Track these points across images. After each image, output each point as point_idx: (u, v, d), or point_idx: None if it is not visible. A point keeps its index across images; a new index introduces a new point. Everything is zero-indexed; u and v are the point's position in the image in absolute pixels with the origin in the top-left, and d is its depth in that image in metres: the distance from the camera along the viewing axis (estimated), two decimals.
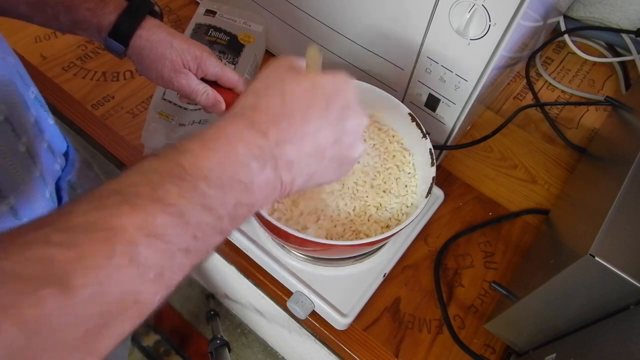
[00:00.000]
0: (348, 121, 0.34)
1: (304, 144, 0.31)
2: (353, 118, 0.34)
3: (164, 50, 0.49)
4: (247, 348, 1.33)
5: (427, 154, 0.53)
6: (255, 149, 0.29)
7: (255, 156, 0.28)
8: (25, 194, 0.40)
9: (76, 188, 0.53)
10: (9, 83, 0.38)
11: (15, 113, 0.39)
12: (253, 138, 0.29)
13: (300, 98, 0.31)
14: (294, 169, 0.31)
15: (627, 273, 0.35)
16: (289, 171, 0.30)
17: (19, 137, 0.39)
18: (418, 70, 0.57)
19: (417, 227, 0.61)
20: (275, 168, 0.30)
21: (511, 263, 0.61)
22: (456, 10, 0.47)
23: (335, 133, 0.33)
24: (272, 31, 0.71)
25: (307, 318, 0.55)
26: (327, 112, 0.32)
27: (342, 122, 0.33)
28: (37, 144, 0.43)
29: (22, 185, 0.40)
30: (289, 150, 0.30)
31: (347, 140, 0.34)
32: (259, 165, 0.29)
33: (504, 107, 0.77)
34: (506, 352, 0.55)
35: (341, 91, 0.33)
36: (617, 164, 0.50)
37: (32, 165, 0.41)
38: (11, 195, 0.38)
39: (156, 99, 0.63)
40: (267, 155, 0.29)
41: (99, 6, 0.47)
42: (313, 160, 0.32)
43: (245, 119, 0.30)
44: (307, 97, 0.32)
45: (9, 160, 0.38)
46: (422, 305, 0.57)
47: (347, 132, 0.34)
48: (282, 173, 0.30)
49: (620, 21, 0.82)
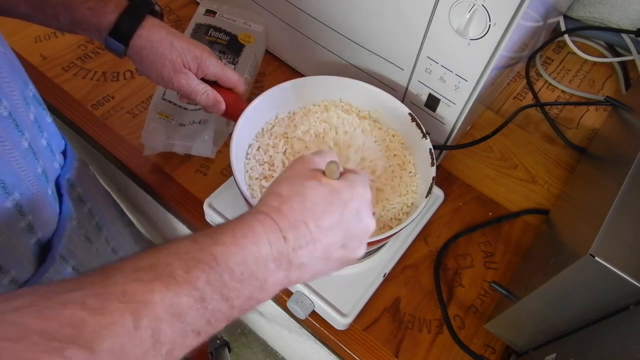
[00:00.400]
0: (357, 227, 0.36)
1: (316, 249, 0.34)
2: (361, 224, 0.37)
3: (164, 50, 0.49)
4: (247, 348, 1.33)
5: (427, 154, 0.53)
6: (276, 252, 0.32)
7: (274, 258, 0.32)
8: (30, 190, 0.41)
9: (75, 186, 0.53)
10: (9, 79, 0.39)
11: (17, 109, 0.39)
12: (275, 241, 0.32)
13: (319, 205, 0.34)
14: (303, 270, 0.34)
15: (627, 273, 0.35)
16: (298, 271, 0.33)
17: (22, 133, 0.39)
18: (418, 70, 0.57)
19: (417, 227, 0.61)
20: (288, 270, 0.33)
21: (511, 263, 0.61)
22: (456, 10, 0.47)
23: (343, 238, 0.35)
24: (272, 31, 0.71)
25: (307, 318, 0.55)
26: (339, 219, 0.35)
27: (350, 228, 0.36)
28: (38, 141, 0.43)
29: (26, 182, 0.40)
30: (302, 255, 0.33)
31: (353, 244, 0.36)
32: (275, 266, 0.32)
33: (504, 107, 0.77)
34: (506, 352, 0.55)
35: (355, 199, 0.36)
36: (617, 164, 0.50)
37: (35, 162, 0.41)
38: (16, 192, 0.39)
39: (156, 99, 0.63)
40: (283, 258, 0.32)
41: (99, 5, 0.47)
42: (320, 262, 0.35)
43: (271, 222, 0.32)
44: (325, 205, 0.35)
45: (14, 155, 0.38)
46: (422, 305, 0.57)
47: (354, 237, 0.36)
48: (292, 273, 0.33)
49: (620, 21, 0.82)
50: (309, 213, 0.34)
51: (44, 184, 0.43)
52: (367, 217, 0.37)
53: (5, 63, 0.38)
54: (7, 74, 0.38)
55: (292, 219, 0.33)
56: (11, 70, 0.40)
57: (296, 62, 0.75)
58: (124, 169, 0.66)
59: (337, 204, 0.35)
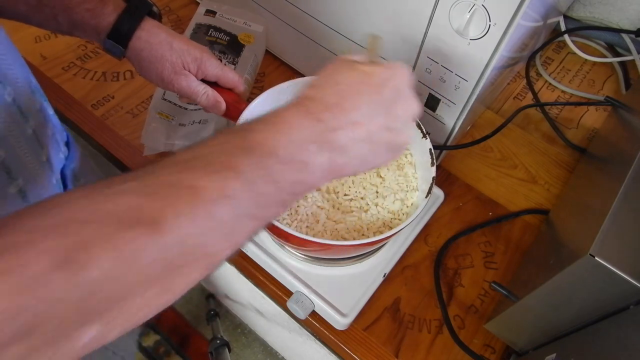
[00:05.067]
0: (398, 108, 0.35)
1: (355, 130, 0.33)
2: (403, 104, 0.36)
3: (163, 52, 0.49)
4: (247, 348, 1.33)
5: (427, 154, 0.53)
6: (313, 134, 0.32)
7: (313, 140, 0.31)
8: (34, 177, 0.41)
9: (79, 177, 0.53)
10: (13, 66, 0.39)
11: (21, 96, 0.39)
12: (310, 124, 0.32)
13: (353, 87, 0.34)
14: (347, 153, 0.33)
15: (627, 273, 0.35)
16: (342, 155, 0.33)
17: (27, 120, 0.39)
18: (418, 70, 0.57)
19: (417, 227, 0.61)
20: (330, 152, 0.32)
21: (511, 263, 0.61)
22: (456, 10, 0.47)
23: (385, 119, 0.34)
24: (272, 31, 0.71)
25: (307, 318, 0.55)
26: (377, 99, 0.34)
27: (392, 109, 0.35)
28: (43, 130, 0.43)
29: (31, 169, 0.40)
30: (342, 136, 0.32)
31: (396, 126, 0.35)
32: (317, 148, 0.31)
33: (504, 107, 0.77)
34: (506, 352, 0.55)
35: (393, 78, 0.35)
36: (617, 164, 0.50)
37: (40, 150, 0.42)
38: (20, 177, 0.39)
39: (156, 99, 0.63)
40: (322, 140, 0.32)
41: (98, 6, 0.47)
42: (364, 145, 0.34)
43: (303, 108, 0.32)
44: (359, 86, 0.34)
45: (19, 142, 0.38)
46: (422, 305, 0.57)
47: (396, 119, 0.35)
48: (336, 156, 0.32)
49: (620, 21, 0.82)
50: (345, 94, 0.33)
51: (48, 173, 0.43)
52: (409, 97, 0.36)
53: (8, 51, 0.39)
54: (11, 61, 0.39)
55: (325, 102, 0.33)
56: (15, 58, 0.40)
57: (296, 62, 0.75)
58: (124, 169, 0.66)
59: (372, 85, 0.34)
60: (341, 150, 0.33)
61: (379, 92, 0.34)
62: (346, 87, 0.34)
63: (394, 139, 0.35)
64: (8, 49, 0.39)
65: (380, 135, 0.34)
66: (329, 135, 0.32)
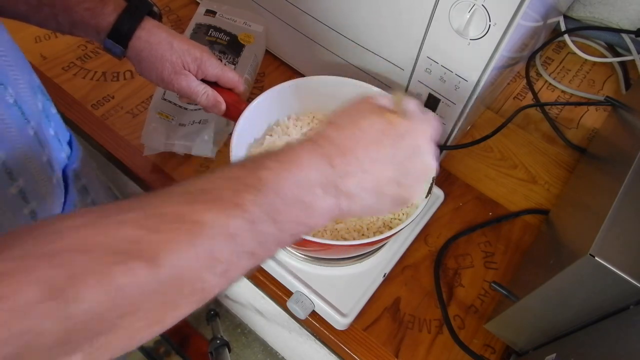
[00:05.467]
0: (412, 164, 0.35)
1: (365, 180, 0.33)
2: (418, 161, 0.35)
3: (164, 52, 0.49)
4: (247, 348, 1.33)
5: None
6: (322, 178, 0.31)
7: (321, 184, 0.31)
8: (35, 178, 0.41)
9: (80, 177, 0.53)
10: (15, 67, 0.39)
11: (23, 97, 0.39)
12: (321, 167, 0.32)
13: (372, 135, 0.34)
14: (352, 200, 0.33)
15: (627, 273, 0.35)
16: (346, 201, 0.33)
17: (28, 121, 0.39)
18: (418, 70, 0.57)
19: (417, 227, 0.61)
20: (336, 197, 0.32)
21: (511, 263, 0.61)
22: (456, 10, 0.47)
23: (396, 173, 0.34)
24: (272, 31, 0.71)
25: (307, 318, 0.55)
26: (393, 152, 0.34)
27: (405, 164, 0.35)
28: (45, 130, 0.43)
29: (32, 170, 0.40)
30: (350, 183, 0.32)
31: (406, 182, 0.35)
32: (323, 192, 0.31)
33: (504, 107, 0.77)
34: (506, 352, 0.55)
35: (414, 133, 0.35)
36: (617, 164, 0.50)
37: (41, 150, 0.42)
38: (21, 179, 0.39)
39: (156, 99, 0.63)
40: (330, 185, 0.32)
41: (98, 6, 0.47)
42: (371, 195, 0.34)
43: (319, 148, 0.32)
44: (379, 136, 0.34)
45: (19, 143, 0.38)
46: (422, 305, 0.57)
47: (408, 174, 0.35)
48: (341, 202, 0.32)
49: (620, 21, 0.82)
50: (360, 142, 0.33)
51: (49, 173, 0.43)
52: (426, 155, 0.36)
53: (10, 51, 0.39)
54: (13, 61, 0.39)
55: (340, 146, 0.33)
56: (17, 58, 0.40)
57: (296, 62, 0.75)
58: (124, 169, 0.66)
59: (392, 136, 0.34)
60: (347, 197, 0.33)
61: (396, 145, 0.34)
62: (364, 134, 0.33)
63: (402, 194, 0.35)
64: (9, 48, 0.39)
65: (388, 188, 0.34)
66: (338, 181, 0.32)
